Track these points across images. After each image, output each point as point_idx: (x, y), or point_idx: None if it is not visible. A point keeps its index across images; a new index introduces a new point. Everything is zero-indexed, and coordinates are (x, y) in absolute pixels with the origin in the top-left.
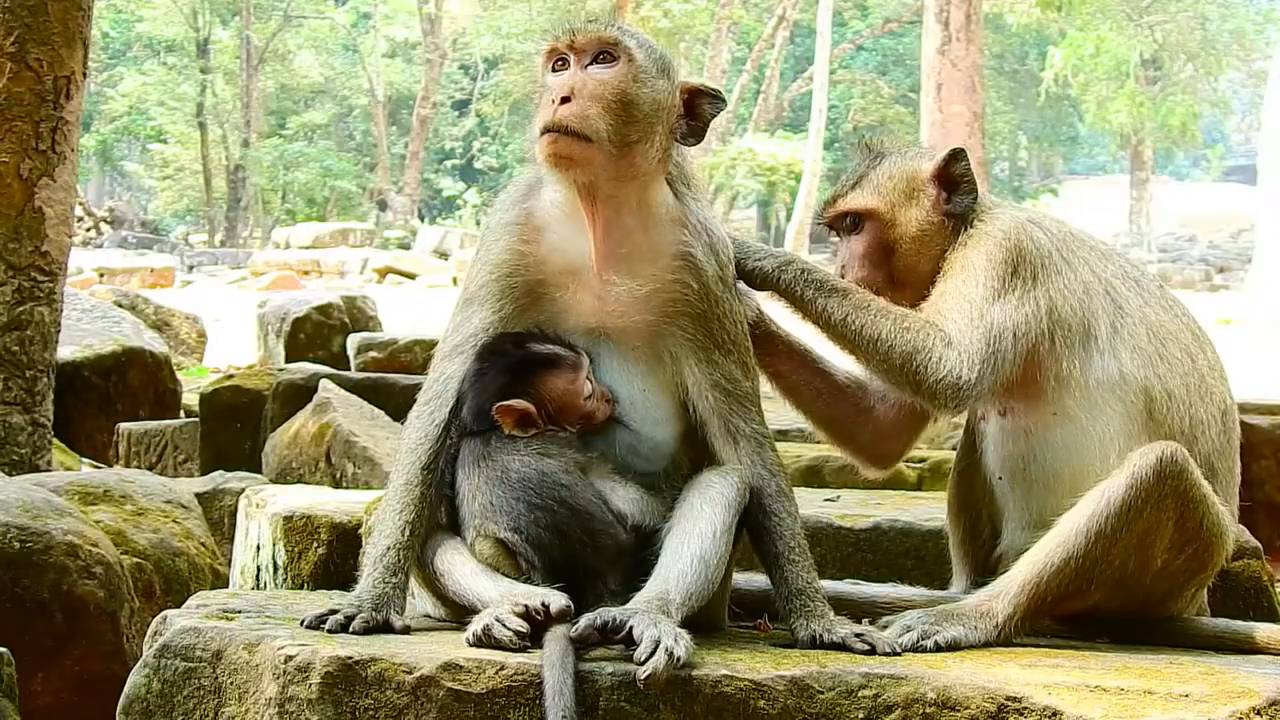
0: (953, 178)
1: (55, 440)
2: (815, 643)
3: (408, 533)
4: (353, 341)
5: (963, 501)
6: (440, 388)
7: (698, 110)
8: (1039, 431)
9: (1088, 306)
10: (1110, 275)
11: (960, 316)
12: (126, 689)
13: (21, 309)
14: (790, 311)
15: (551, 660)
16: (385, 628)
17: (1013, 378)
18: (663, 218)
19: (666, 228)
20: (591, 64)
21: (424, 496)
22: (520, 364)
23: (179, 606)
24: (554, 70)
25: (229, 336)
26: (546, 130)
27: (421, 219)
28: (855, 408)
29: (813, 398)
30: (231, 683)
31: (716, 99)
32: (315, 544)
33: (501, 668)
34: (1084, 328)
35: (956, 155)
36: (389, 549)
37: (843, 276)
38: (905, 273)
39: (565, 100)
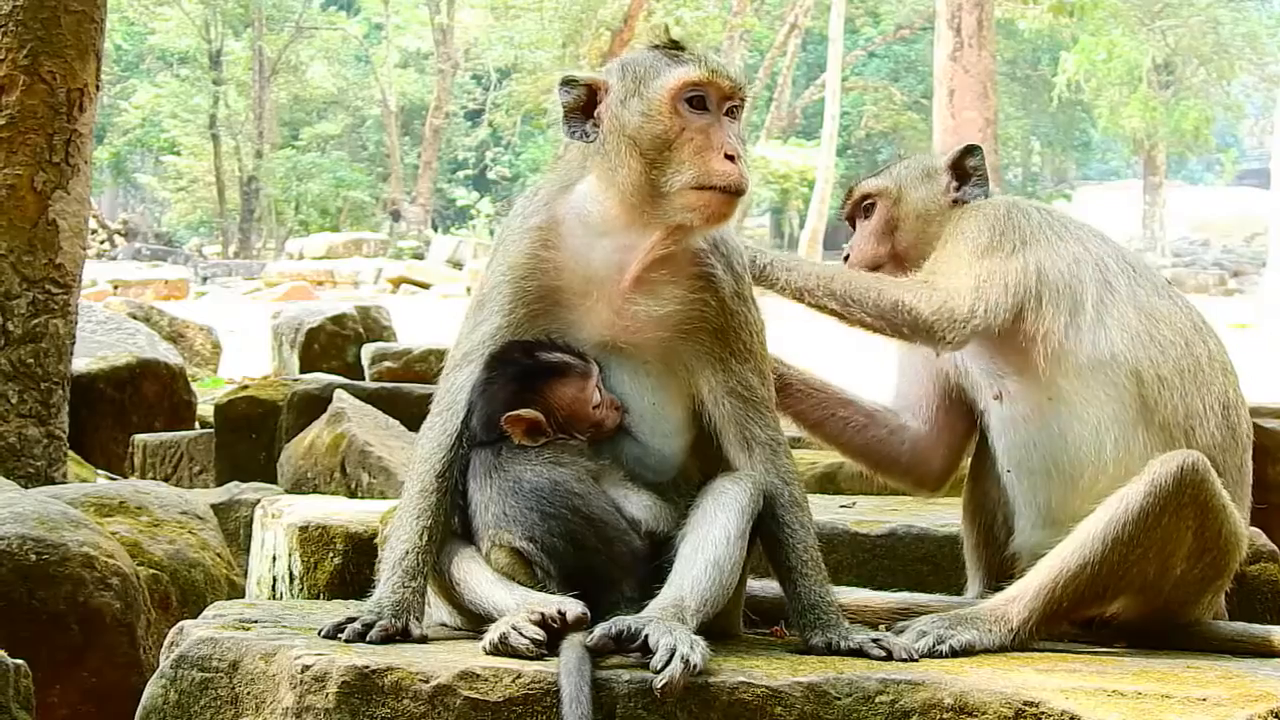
0: (966, 170)
1: (71, 452)
2: (831, 649)
3: (425, 538)
4: (367, 351)
5: (977, 504)
6: (451, 398)
7: None
8: (1036, 417)
9: (1076, 275)
10: (1102, 254)
11: (948, 269)
12: (143, 700)
13: (36, 321)
14: (778, 294)
15: (568, 668)
16: (404, 634)
17: (1005, 331)
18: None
19: (689, 249)
20: (725, 115)
21: (439, 503)
22: (528, 373)
23: (195, 617)
24: (693, 107)
25: (243, 348)
26: (728, 191)
27: (435, 229)
28: (888, 429)
29: (841, 428)
30: (248, 693)
31: None
32: (331, 554)
33: (518, 676)
34: (1072, 295)
35: (971, 150)
36: (407, 553)
37: (848, 258)
38: (908, 249)
39: (730, 158)
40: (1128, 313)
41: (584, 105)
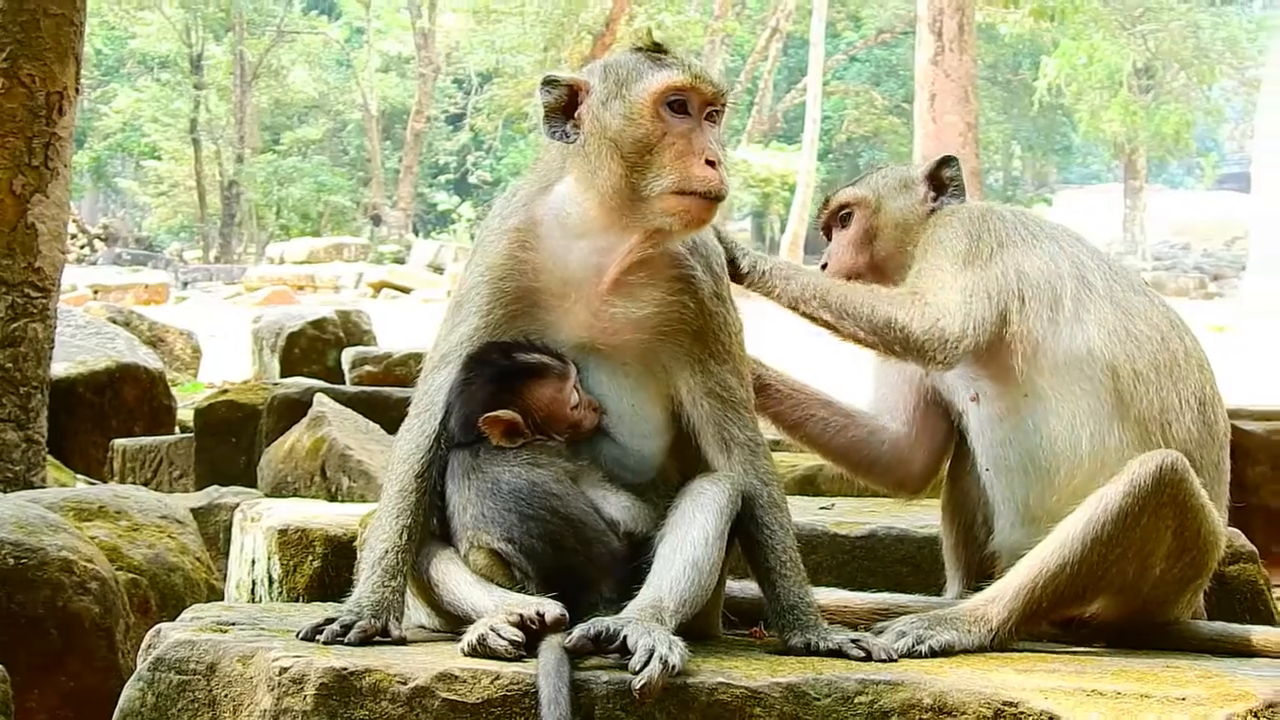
0: (942, 181)
1: (50, 457)
2: (810, 649)
3: (405, 537)
4: (347, 355)
5: (956, 504)
6: (429, 400)
7: None
8: (1012, 416)
9: (1055, 272)
10: (1078, 253)
11: (934, 283)
12: (120, 703)
13: (15, 325)
14: (773, 301)
15: (546, 669)
16: (383, 634)
17: (991, 338)
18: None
19: (668, 252)
20: (706, 120)
21: (419, 504)
22: (506, 374)
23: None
24: (674, 111)
25: (223, 352)
26: (707, 196)
27: (416, 233)
28: (867, 430)
29: (820, 430)
30: (226, 695)
31: None
32: (310, 557)
33: (497, 677)
34: (1052, 292)
35: (948, 161)
36: (387, 552)
37: (825, 267)
38: (885, 260)
39: (711, 164)
40: (1105, 308)
41: (565, 106)
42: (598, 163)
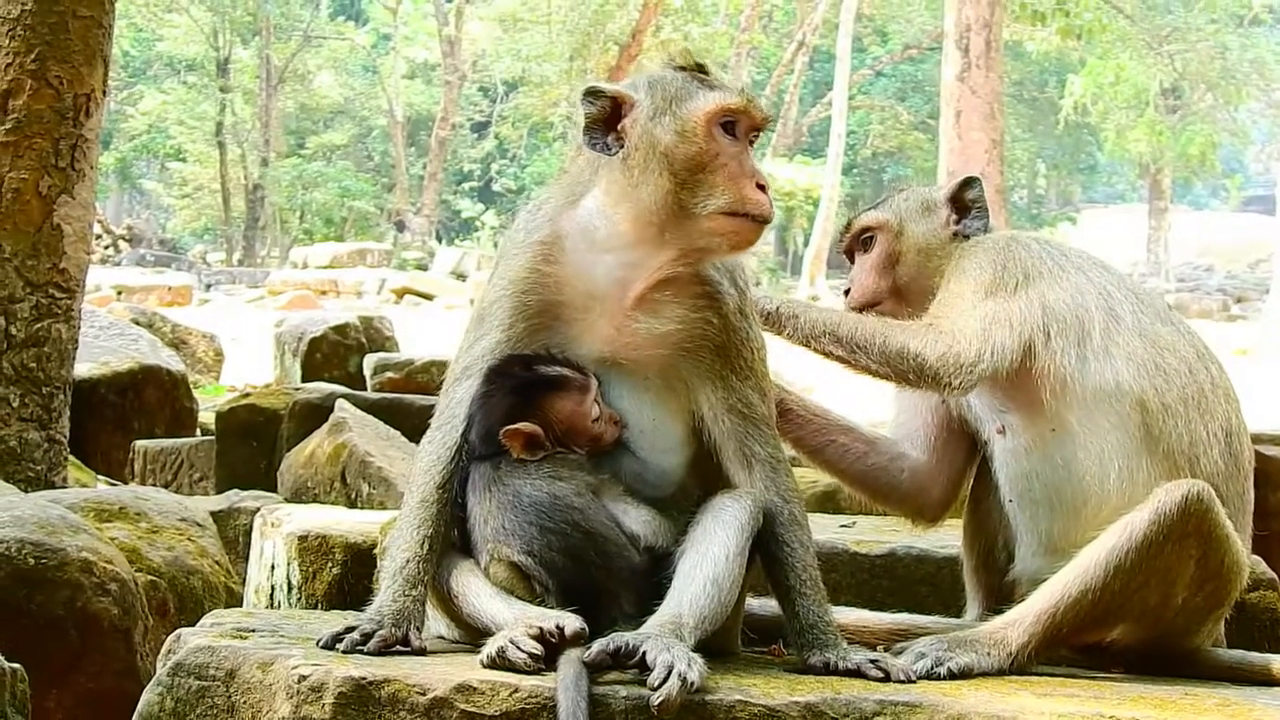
0: (965, 203)
1: (71, 457)
2: (829, 669)
3: (426, 546)
4: (369, 361)
5: (977, 527)
6: (451, 412)
7: None
8: (1039, 449)
9: (1082, 305)
10: (1105, 283)
11: (952, 311)
12: (139, 707)
13: (39, 326)
14: (785, 339)
15: (565, 683)
16: (404, 643)
17: (1012, 370)
18: None
19: (697, 269)
20: (750, 142)
21: (440, 514)
22: (526, 386)
23: (193, 625)
24: (725, 132)
25: (246, 355)
26: (758, 219)
27: (439, 240)
28: (888, 457)
29: (840, 455)
30: (245, 702)
31: None
32: (330, 564)
33: (515, 690)
34: (1080, 326)
35: (970, 182)
36: (408, 562)
37: (848, 292)
38: (908, 284)
39: (761, 187)
40: (1133, 341)
41: (608, 118)
42: (642, 177)
